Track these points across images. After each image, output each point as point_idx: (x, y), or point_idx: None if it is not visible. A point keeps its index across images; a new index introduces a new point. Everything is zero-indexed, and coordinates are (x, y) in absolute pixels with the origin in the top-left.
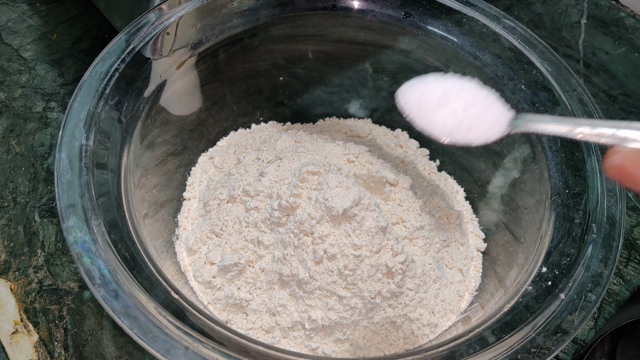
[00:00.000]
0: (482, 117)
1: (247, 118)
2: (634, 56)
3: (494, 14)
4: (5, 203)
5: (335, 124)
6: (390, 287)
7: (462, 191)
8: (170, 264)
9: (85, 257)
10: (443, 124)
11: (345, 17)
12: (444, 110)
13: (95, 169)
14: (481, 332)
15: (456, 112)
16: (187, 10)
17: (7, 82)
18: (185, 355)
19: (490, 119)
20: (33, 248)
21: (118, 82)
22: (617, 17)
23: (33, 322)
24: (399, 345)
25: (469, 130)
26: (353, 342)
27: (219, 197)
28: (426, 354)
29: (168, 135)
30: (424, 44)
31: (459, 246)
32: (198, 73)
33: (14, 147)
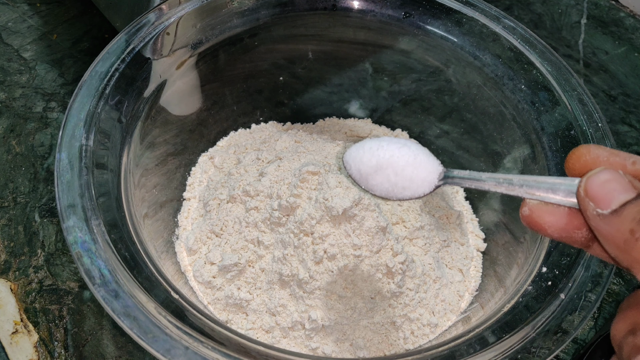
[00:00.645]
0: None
1: (247, 118)
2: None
3: (494, 14)
4: (5, 203)
5: (335, 124)
6: (390, 287)
7: (462, 191)
8: (170, 264)
9: (85, 257)
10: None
11: (345, 17)
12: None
13: (95, 169)
14: (481, 332)
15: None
16: (187, 10)
17: (7, 82)
18: (185, 355)
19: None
20: (33, 248)
21: (118, 82)
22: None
23: (33, 322)
24: (399, 345)
25: (404, 190)
26: (353, 342)
27: (219, 197)
28: (426, 354)
29: (168, 135)
30: (424, 44)
31: (459, 246)
32: (198, 73)
33: (14, 147)
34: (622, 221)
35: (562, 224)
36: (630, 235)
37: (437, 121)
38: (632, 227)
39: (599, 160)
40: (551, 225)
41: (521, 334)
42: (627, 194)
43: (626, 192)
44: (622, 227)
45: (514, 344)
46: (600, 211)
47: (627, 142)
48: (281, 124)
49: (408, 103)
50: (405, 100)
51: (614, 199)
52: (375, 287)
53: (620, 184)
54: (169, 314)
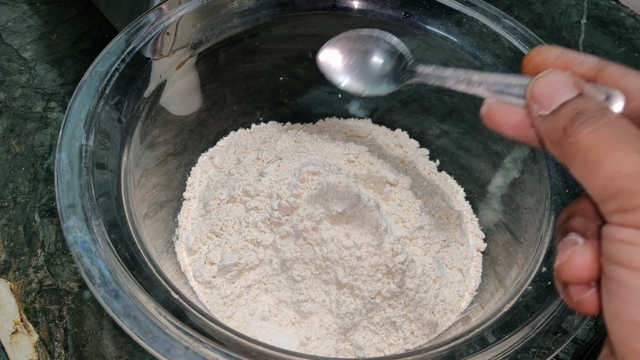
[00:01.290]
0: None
1: (247, 118)
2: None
3: (494, 14)
4: (5, 203)
5: (335, 124)
6: (390, 287)
7: (462, 191)
8: (170, 264)
9: (85, 257)
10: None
11: (345, 17)
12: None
13: (95, 169)
14: (481, 332)
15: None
16: (187, 10)
17: (7, 82)
18: (185, 355)
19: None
20: (33, 248)
21: (118, 82)
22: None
23: (33, 322)
24: (399, 345)
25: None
26: (353, 342)
27: (219, 197)
28: (426, 354)
29: (168, 135)
30: (424, 44)
31: (459, 246)
32: (198, 73)
33: (14, 147)
34: (558, 119)
35: (516, 122)
36: (563, 132)
37: (437, 121)
38: (565, 125)
39: (548, 61)
40: (506, 123)
41: (521, 334)
42: (569, 93)
43: (568, 92)
44: (557, 124)
45: (514, 344)
46: (543, 112)
47: None
48: (281, 124)
49: (408, 103)
50: (405, 100)
51: (555, 100)
52: (375, 287)
53: (563, 85)
54: (169, 314)
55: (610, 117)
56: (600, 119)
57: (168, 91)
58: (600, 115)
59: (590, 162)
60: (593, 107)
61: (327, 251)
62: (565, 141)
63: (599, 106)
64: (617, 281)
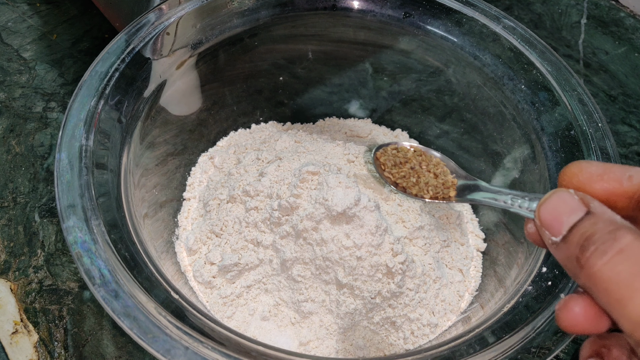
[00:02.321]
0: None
1: (247, 118)
2: (634, 56)
3: (494, 14)
4: (5, 203)
5: (335, 124)
6: (390, 287)
7: None
8: (170, 264)
9: (85, 257)
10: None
11: (345, 17)
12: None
13: (95, 169)
14: (481, 332)
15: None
16: (187, 10)
17: (7, 82)
18: (185, 355)
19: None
20: (33, 248)
21: (118, 82)
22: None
23: (33, 322)
24: (399, 345)
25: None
26: (353, 342)
27: (219, 197)
28: (426, 354)
29: (168, 135)
30: (424, 44)
31: (459, 246)
32: (198, 73)
33: (14, 147)
34: (569, 247)
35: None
36: (577, 262)
37: (437, 121)
38: (577, 254)
39: (593, 178)
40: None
41: (521, 334)
42: (576, 215)
43: (575, 213)
44: (570, 253)
45: (514, 344)
46: (554, 239)
47: (627, 142)
48: (281, 124)
49: (408, 103)
50: (405, 100)
51: (563, 224)
52: (375, 287)
53: (569, 206)
54: (169, 314)
55: (623, 242)
56: (613, 244)
57: (168, 91)
58: (611, 240)
59: (613, 302)
60: (603, 230)
61: (327, 251)
62: (581, 273)
63: (610, 227)
64: None
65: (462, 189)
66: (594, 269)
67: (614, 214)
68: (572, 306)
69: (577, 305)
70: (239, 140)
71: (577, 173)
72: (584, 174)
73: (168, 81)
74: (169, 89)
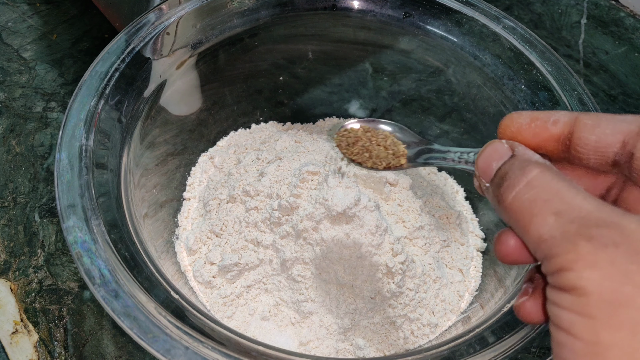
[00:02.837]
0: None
1: (247, 118)
2: (634, 56)
3: (494, 14)
4: (5, 203)
5: (335, 124)
6: (390, 287)
7: (462, 191)
8: (170, 264)
9: (85, 257)
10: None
11: (345, 17)
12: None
13: (95, 169)
14: (481, 332)
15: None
16: (187, 10)
17: (7, 82)
18: (185, 355)
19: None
20: (33, 248)
21: (118, 82)
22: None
23: (33, 322)
24: (399, 345)
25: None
26: (353, 342)
27: (219, 197)
28: (426, 354)
29: (168, 135)
30: (424, 44)
31: (459, 246)
32: (198, 73)
33: (14, 147)
34: (493, 188)
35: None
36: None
37: (437, 121)
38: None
39: (522, 128)
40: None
41: (521, 334)
42: (502, 160)
43: (502, 158)
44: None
45: (514, 344)
46: (487, 185)
47: None
48: (281, 124)
49: (408, 103)
50: (405, 100)
51: (493, 169)
52: (375, 287)
53: (498, 153)
54: (169, 314)
55: (530, 175)
56: (521, 178)
57: (168, 91)
58: (520, 175)
59: (521, 229)
60: (516, 167)
61: (327, 251)
62: (500, 208)
63: (522, 164)
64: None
65: (418, 154)
66: (506, 202)
67: (533, 154)
68: (505, 239)
69: (512, 238)
70: (239, 140)
71: (509, 124)
72: (514, 124)
73: (168, 81)
74: (169, 89)
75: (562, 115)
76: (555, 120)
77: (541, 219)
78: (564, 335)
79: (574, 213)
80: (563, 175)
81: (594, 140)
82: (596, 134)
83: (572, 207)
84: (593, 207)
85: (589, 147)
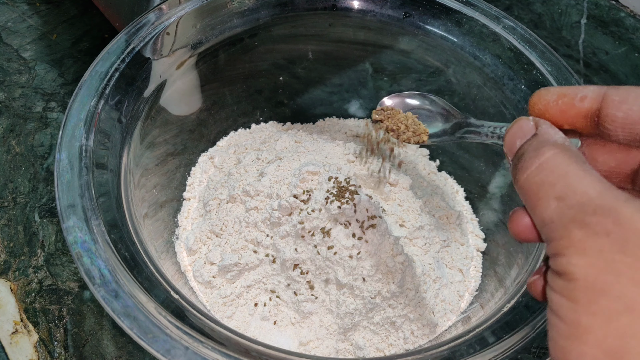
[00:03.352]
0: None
1: (247, 118)
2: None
3: (494, 14)
4: (5, 203)
5: (335, 124)
6: (390, 287)
7: (462, 191)
8: (170, 264)
9: (85, 257)
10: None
11: (345, 17)
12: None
13: (95, 169)
14: (481, 332)
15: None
16: (187, 10)
17: (7, 82)
18: (185, 355)
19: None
20: (33, 248)
21: (118, 82)
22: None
23: (33, 322)
24: (399, 345)
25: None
26: (353, 342)
27: (219, 197)
28: (426, 354)
29: (168, 135)
30: (424, 44)
31: (459, 246)
32: (198, 73)
33: (14, 147)
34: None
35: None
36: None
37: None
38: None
39: (550, 105)
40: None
41: (521, 334)
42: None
43: (525, 136)
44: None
45: (514, 344)
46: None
47: None
48: (281, 124)
49: None
50: None
51: (515, 147)
52: (375, 287)
53: (522, 131)
54: (169, 314)
55: (543, 157)
56: (534, 160)
57: (168, 91)
58: (534, 157)
59: (530, 210)
60: (532, 147)
61: (327, 251)
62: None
63: (539, 145)
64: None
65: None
66: (519, 182)
67: (555, 132)
68: (518, 217)
69: (525, 217)
70: (239, 140)
71: (537, 102)
72: (542, 101)
73: (168, 81)
74: (169, 89)
75: (589, 90)
76: (583, 96)
77: (545, 202)
78: (554, 316)
79: (575, 198)
80: (579, 157)
81: (621, 117)
82: (623, 111)
83: (575, 192)
84: (596, 192)
85: (617, 123)
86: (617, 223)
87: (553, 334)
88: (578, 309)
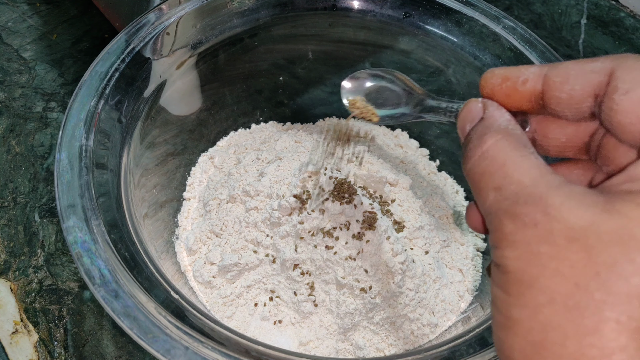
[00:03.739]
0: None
1: (247, 118)
2: None
3: (494, 14)
4: (5, 203)
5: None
6: (390, 287)
7: (462, 191)
8: (170, 264)
9: (85, 257)
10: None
11: (345, 17)
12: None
13: (95, 169)
14: (481, 332)
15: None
16: (187, 10)
17: (7, 82)
18: (185, 355)
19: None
20: (33, 248)
21: (118, 82)
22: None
23: (33, 322)
24: (399, 345)
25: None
26: (353, 342)
27: (219, 197)
28: (426, 354)
29: (168, 135)
30: (424, 44)
31: (459, 246)
32: (198, 73)
33: (14, 147)
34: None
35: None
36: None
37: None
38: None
39: (495, 89)
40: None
41: None
42: (474, 122)
43: (474, 120)
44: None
45: None
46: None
47: None
48: (281, 124)
49: None
50: None
51: (466, 132)
52: (375, 287)
53: (471, 114)
54: (169, 314)
55: (485, 145)
56: (478, 149)
57: (168, 91)
58: (477, 146)
59: (476, 199)
60: (477, 134)
61: (327, 251)
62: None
63: (482, 132)
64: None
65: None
66: (465, 172)
67: (501, 115)
68: (472, 209)
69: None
70: (239, 140)
71: (484, 85)
72: (488, 85)
73: (168, 81)
74: (169, 89)
75: (530, 73)
76: (524, 79)
77: (485, 193)
78: (494, 307)
79: (511, 188)
80: (520, 141)
81: (565, 98)
82: (566, 92)
83: (511, 182)
84: (530, 180)
85: (562, 104)
86: (545, 213)
87: (493, 325)
88: (510, 301)
